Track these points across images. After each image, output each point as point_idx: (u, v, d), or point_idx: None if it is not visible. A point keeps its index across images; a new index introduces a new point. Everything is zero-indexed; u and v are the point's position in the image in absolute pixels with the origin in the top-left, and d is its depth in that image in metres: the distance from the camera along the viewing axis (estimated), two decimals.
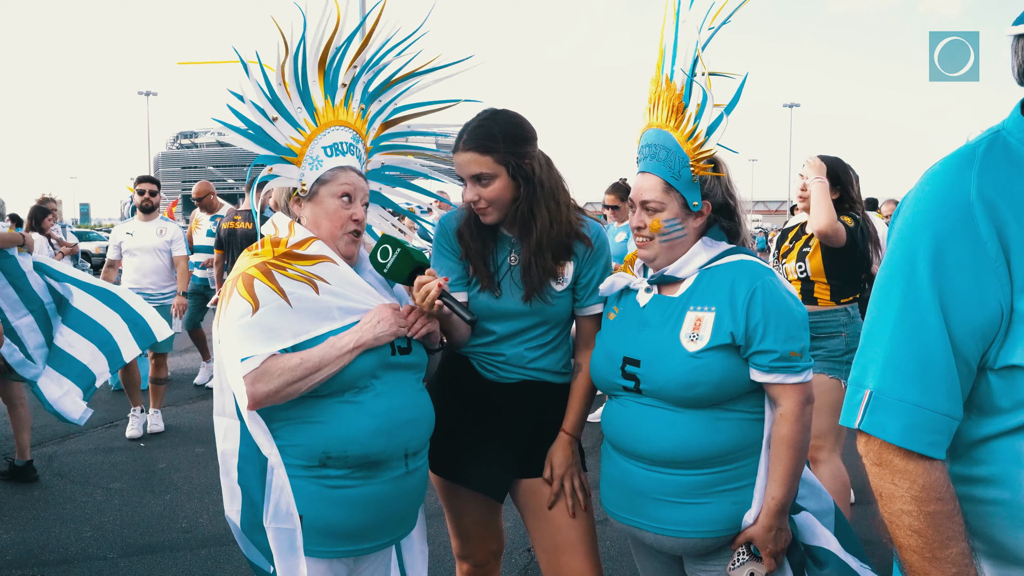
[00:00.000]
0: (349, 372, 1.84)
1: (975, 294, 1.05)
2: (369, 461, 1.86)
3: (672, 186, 1.87)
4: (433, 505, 2.41)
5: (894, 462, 1.10)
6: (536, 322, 2.15)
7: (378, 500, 1.89)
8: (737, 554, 1.80)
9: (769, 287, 1.80)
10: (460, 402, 2.20)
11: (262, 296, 1.81)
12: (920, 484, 1.09)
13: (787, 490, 1.76)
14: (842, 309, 3.54)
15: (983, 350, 1.08)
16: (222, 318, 1.85)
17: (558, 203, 2.10)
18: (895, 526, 1.12)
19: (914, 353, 1.10)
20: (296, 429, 1.85)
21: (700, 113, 1.84)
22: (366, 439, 1.84)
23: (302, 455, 1.84)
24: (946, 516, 1.08)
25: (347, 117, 2.07)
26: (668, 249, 1.90)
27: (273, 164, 1.98)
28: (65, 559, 3.70)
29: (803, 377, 1.78)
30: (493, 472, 2.17)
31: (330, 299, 1.88)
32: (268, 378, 1.77)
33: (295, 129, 2.00)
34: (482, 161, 2.03)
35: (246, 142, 1.98)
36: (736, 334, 1.77)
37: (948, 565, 1.07)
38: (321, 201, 1.97)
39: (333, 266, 1.92)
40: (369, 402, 1.87)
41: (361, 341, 1.84)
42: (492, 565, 2.38)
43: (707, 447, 1.80)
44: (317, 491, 1.84)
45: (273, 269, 1.85)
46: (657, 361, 1.83)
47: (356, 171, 2.03)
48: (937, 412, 1.08)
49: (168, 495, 4.55)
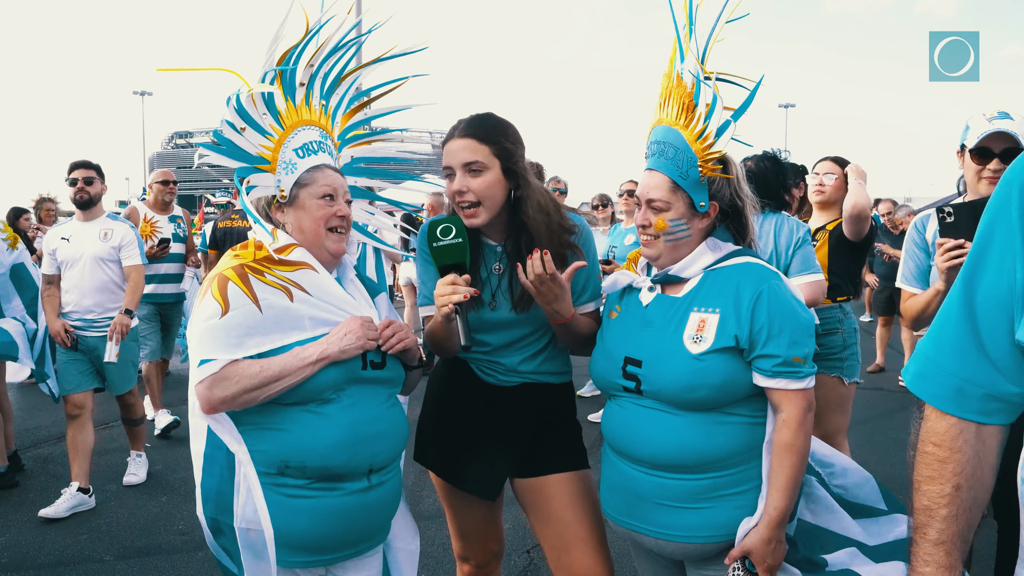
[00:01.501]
0: (312, 384, 1.82)
1: (996, 266, 1.13)
2: (329, 474, 1.83)
3: (679, 186, 1.84)
4: (433, 506, 2.40)
5: (919, 401, 1.26)
6: (531, 329, 2.14)
7: (338, 513, 1.86)
8: (732, 569, 1.75)
9: (775, 291, 1.78)
10: (459, 404, 2.19)
11: (233, 299, 1.80)
12: (922, 425, 1.24)
13: (788, 499, 1.73)
14: (837, 306, 3.59)
15: (1008, 324, 1.14)
16: (194, 317, 1.85)
17: (548, 213, 2.07)
18: None
19: (940, 313, 1.23)
20: (257, 434, 1.84)
21: (710, 114, 1.82)
22: (326, 451, 1.82)
23: (262, 461, 1.82)
24: (938, 460, 1.20)
25: (311, 116, 2.06)
26: (672, 249, 1.88)
27: (249, 175, 1.97)
28: (61, 561, 3.67)
29: (806, 383, 1.75)
30: (484, 472, 2.16)
31: (303, 308, 1.87)
32: (225, 384, 1.77)
33: (263, 136, 1.99)
34: (478, 149, 2.00)
35: (220, 157, 1.97)
36: (740, 337, 1.75)
37: (922, 496, 1.22)
38: (303, 204, 1.96)
39: (313, 274, 1.91)
40: (334, 414, 1.85)
41: (325, 354, 1.82)
42: (492, 566, 2.38)
43: (707, 451, 1.78)
44: (276, 499, 1.82)
45: (250, 273, 1.84)
46: (659, 362, 1.81)
47: (332, 168, 2.02)
48: (942, 369, 1.20)
49: (165, 497, 4.53)
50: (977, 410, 1.18)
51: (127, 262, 4.58)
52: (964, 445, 1.19)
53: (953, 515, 1.19)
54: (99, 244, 4.50)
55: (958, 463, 1.19)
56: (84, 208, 4.55)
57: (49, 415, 6.27)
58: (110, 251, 4.52)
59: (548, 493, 2.15)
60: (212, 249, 6.03)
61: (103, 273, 4.50)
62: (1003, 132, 2.48)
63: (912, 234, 2.81)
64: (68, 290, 4.48)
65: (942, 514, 1.19)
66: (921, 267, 2.76)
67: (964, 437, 1.19)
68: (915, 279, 2.77)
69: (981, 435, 1.19)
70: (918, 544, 1.23)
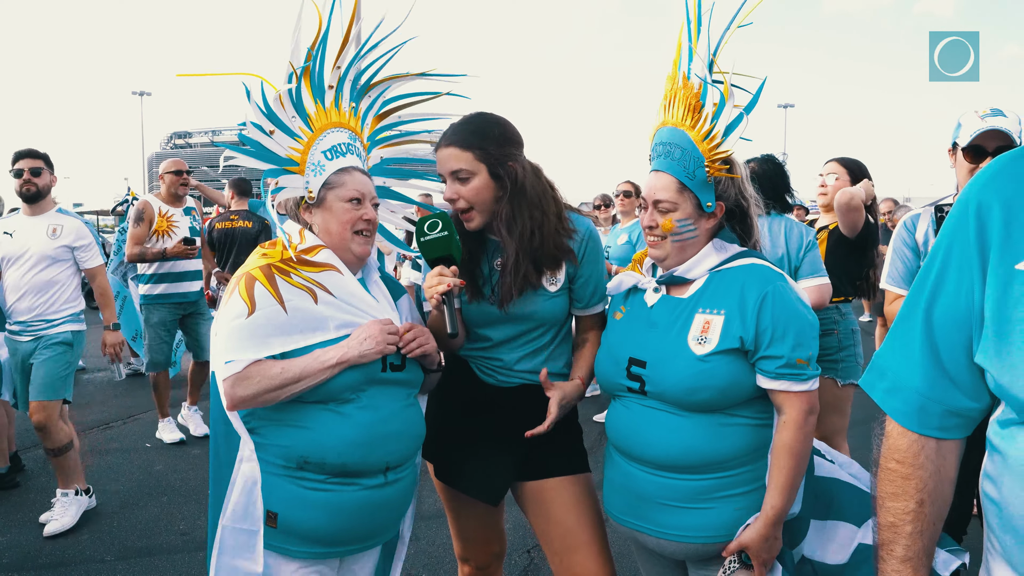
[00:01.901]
0: (332, 385, 1.85)
1: (954, 286, 1.14)
2: (347, 470, 1.87)
3: (686, 186, 1.84)
4: (433, 506, 2.40)
5: (882, 417, 1.28)
6: (532, 326, 2.14)
7: (355, 507, 1.90)
8: (729, 561, 1.78)
9: (780, 292, 1.78)
10: (460, 407, 2.19)
11: (260, 300, 1.83)
12: (883, 442, 1.26)
13: (786, 499, 1.74)
14: (834, 307, 3.54)
15: (967, 343, 1.14)
16: (221, 314, 1.88)
17: (544, 212, 2.07)
18: None
19: (900, 327, 1.24)
20: (277, 430, 1.88)
21: (718, 113, 1.82)
22: (344, 449, 1.85)
23: (281, 455, 1.87)
24: (901, 476, 1.22)
25: (340, 118, 2.08)
26: (679, 250, 1.88)
27: (277, 176, 1.99)
28: (62, 562, 3.67)
29: (808, 386, 1.75)
30: (488, 477, 2.16)
31: (327, 310, 1.89)
32: (247, 383, 1.80)
33: (292, 138, 2.00)
34: (462, 157, 2.02)
35: (248, 160, 2.00)
36: (745, 339, 1.76)
37: (887, 513, 1.24)
38: (330, 206, 1.98)
39: (337, 276, 1.93)
40: (353, 413, 1.88)
41: (345, 357, 1.84)
42: (494, 567, 2.38)
43: (711, 452, 1.78)
44: (295, 491, 1.86)
45: (277, 274, 1.87)
46: (664, 363, 1.82)
47: (360, 171, 2.04)
48: (905, 385, 1.21)
49: (165, 497, 4.53)
50: (937, 426, 1.20)
51: (88, 264, 4.17)
52: (926, 461, 1.21)
53: (919, 531, 1.21)
54: (46, 241, 4.06)
55: (920, 479, 1.21)
56: (31, 202, 4.11)
57: None
58: (59, 250, 4.07)
59: (549, 496, 2.15)
60: (211, 251, 5.91)
61: (48, 273, 4.06)
62: (997, 130, 2.47)
63: (901, 233, 2.76)
64: (7, 289, 4.10)
65: (907, 530, 1.21)
66: (910, 268, 2.71)
67: (925, 453, 1.21)
68: (902, 280, 2.72)
69: (941, 450, 1.21)
70: (885, 561, 1.24)
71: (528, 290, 2.07)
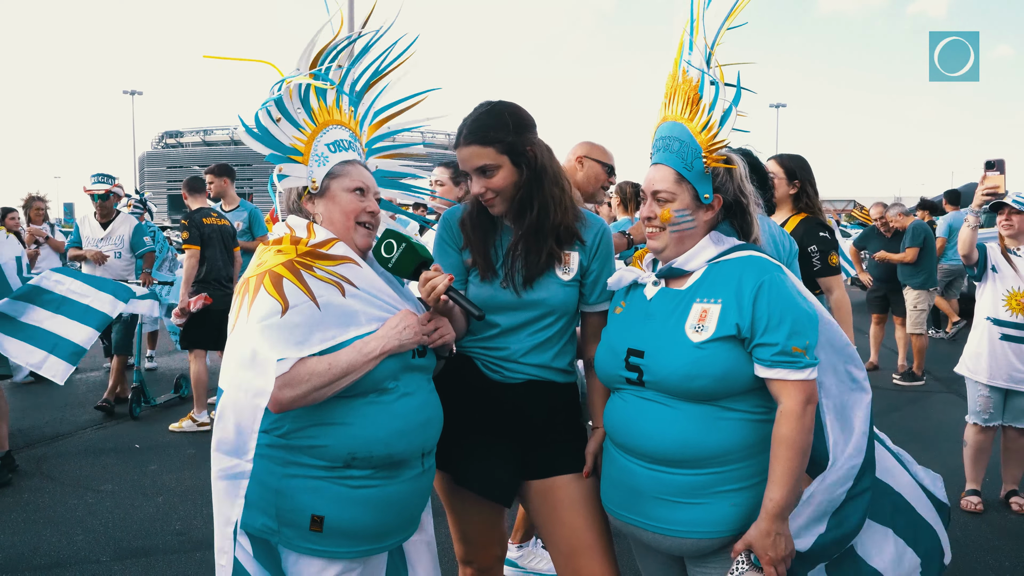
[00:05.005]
0: (374, 375, 1.84)
1: None
2: (392, 461, 1.87)
3: (684, 177, 1.87)
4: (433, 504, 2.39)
5: None
6: (542, 312, 2.13)
7: (398, 499, 1.90)
8: (736, 563, 1.76)
9: (777, 282, 1.79)
10: (465, 404, 2.17)
11: (291, 296, 1.77)
12: None
13: (786, 492, 1.72)
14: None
15: None
16: (245, 316, 1.76)
17: (562, 188, 2.13)
18: None
19: None
20: (322, 431, 1.84)
21: (714, 103, 1.85)
22: (390, 439, 1.85)
23: (326, 456, 1.83)
24: None
25: (341, 117, 2.10)
26: (678, 241, 1.90)
27: (281, 163, 2.00)
28: (57, 563, 3.65)
29: (806, 375, 1.74)
30: (499, 477, 2.14)
31: (355, 303, 1.87)
32: (296, 383, 1.74)
33: (296, 129, 2.01)
34: (484, 153, 2.05)
35: (255, 143, 1.99)
36: (742, 326, 1.76)
37: None
38: (334, 196, 1.98)
39: (357, 268, 1.91)
40: (392, 403, 1.88)
41: (387, 347, 1.84)
42: (496, 570, 2.35)
43: (706, 446, 1.78)
44: (340, 492, 1.84)
45: (301, 268, 1.82)
46: (661, 351, 1.82)
47: (363, 165, 2.05)
48: None
49: (160, 497, 4.51)
50: None
51: None
52: None
53: None
54: None
55: None
56: None
57: (43, 416, 6.24)
58: None
59: (556, 496, 2.14)
60: (195, 246, 5.92)
61: None
62: None
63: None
64: None
65: None
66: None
67: None
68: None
69: None
70: None
71: (543, 272, 2.09)
